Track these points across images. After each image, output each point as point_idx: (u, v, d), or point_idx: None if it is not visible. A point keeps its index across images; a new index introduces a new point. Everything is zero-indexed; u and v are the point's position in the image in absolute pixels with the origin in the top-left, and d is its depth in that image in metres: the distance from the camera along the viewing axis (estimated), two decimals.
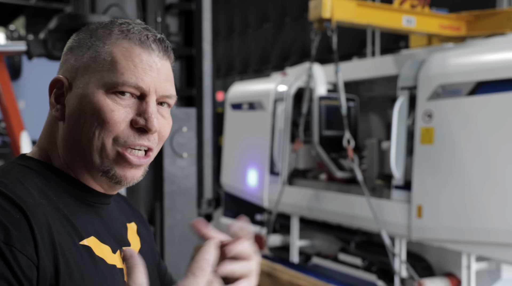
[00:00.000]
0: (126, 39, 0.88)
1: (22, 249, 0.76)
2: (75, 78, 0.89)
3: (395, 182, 3.76)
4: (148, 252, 1.06)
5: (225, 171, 5.62)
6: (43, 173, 0.89)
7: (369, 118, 5.12)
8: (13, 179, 0.83)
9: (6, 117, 3.83)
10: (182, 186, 3.17)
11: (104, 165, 0.88)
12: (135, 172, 0.90)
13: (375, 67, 4.59)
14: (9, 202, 0.79)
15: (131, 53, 0.87)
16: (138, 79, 0.87)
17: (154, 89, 0.88)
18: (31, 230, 0.78)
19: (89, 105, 0.86)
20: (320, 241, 4.79)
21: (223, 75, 11.04)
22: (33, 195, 0.82)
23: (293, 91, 4.89)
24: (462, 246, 3.39)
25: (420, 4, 4.44)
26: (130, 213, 1.08)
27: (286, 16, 9.41)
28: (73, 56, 0.90)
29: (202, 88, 3.49)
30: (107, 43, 0.88)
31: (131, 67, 0.87)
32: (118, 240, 0.96)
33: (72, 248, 0.83)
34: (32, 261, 0.76)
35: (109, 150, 0.87)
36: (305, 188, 4.61)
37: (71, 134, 0.89)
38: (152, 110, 0.87)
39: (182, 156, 3.16)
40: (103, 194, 0.94)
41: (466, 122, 3.39)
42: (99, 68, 0.87)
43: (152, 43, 0.89)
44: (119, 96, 0.86)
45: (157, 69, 0.89)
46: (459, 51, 3.70)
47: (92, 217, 0.92)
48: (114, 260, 0.92)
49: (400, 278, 3.66)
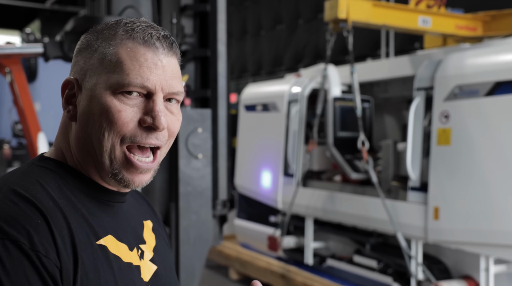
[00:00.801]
0: (130, 39, 0.89)
1: (47, 254, 0.78)
2: (84, 80, 0.91)
3: (411, 184, 3.72)
4: (165, 249, 1.07)
5: (239, 172, 5.62)
6: (61, 173, 0.91)
7: (384, 120, 5.08)
8: (33, 181, 0.85)
9: (23, 119, 3.85)
10: (197, 187, 3.17)
11: (113, 167, 0.89)
12: (143, 177, 0.91)
13: (390, 68, 4.56)
14: (31, 205, 0.80)
15: (136, 53, 0.88)
16: (144, 78, 0.87)
17: (161, 87, 0.89)
18: (52, 234, 0.80)
19: (98, 106, 0.88)
20: (335, 243, 4.76)
21: (236, 77, 11.05)
22: (53, 197, 0.84)
23: (307, 92, 4.88)
24: (480, 248, 3.35)
25: (436, 4, 4.40)
26: (147, 211, 1.10)
27: (299, 18, 9.39)
28: (82, 58, 0.92)
29: (217, 90, 3.49)
30: (112, 44, 0.90)
31: (136, 67, 0.87)
32: (135, 238, 0.98)
33: (89, 248, 0.85)
34: (56, 265, 0.79)
35: (117, 151, 0.88)
36: (319, 190, 4.58)
37: (82, 134, 0.91)
38: (159, 108, 0.88)
39: (197, 157, 3.16)
40: (117, 192, 0.95)
41: (484, 123, 3.34)
42: (106, 69, 0.88)
43: (156, 41, 0.90)
44: (126, 96, 0.88)
45: (163, 67, 0.89)
46: (476, 51, 3.66)
47: (109, 215, 0.93)
48: (130, 258, 0.93)
49: (417, 281, 3.62)
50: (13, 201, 0.80)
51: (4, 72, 3.77)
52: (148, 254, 0.99)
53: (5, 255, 0.76)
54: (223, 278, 5.65)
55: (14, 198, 0.81)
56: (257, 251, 5.36)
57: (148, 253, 0.99)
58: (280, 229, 4.80)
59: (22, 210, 0.80)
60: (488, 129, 3.32)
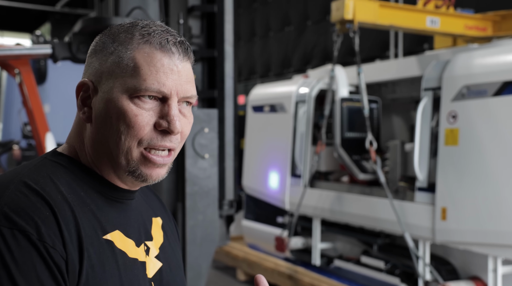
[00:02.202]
0: (147, 44, 0.91)
1: (53, 245, 0.81)
2: (100, 82, 0.93)
3: (419, 184, 3.71)
4: (173, 247, 1.09)
5: (246, 173, 5.62)
6: (72, 169, 0.94)
7: (392, 121, 5.06)
8: (44, 175, 0.88)
9: (32, 120, 3.89)
10: (203, 187, 3.18)
11: (130, 166, 0.92)
12: (160, 171, 0.94)
13: (398, 68, 4.54)
14: (40, 198, 0.84)
15: (153, 59, 0.90)
16: (160, 84, 0.90)
17: (176, 92, 0.91)
18: (59, 226, 0.83)
19: (115, 110, 0.90)
20: (342, 243, 4.75)
21: (245, 79, 11.06)
22: (62, 191, 0.87)
23: (315, 93, 4.87)
24: (488, 249, 3.32)
25: (445, 4, 4.39)
26: (158, 207, 1.12)
27: (308, 19, 9.39)
28: (97, 60, 0.94)
29: (224, 90, 3.50)
30: (129, 48, 0.91)
31: (153, 72, 0.89)
32: (142, 234, 1.00)
33: (96, 242, 0.88)
34: (62, 256, 0.82)
35: (134, 152, 0.91)
36: (327, 190, 4.58)
37: (98, 136, 0.93)
38: (174, 113, 0.91)
39: (203, 157, 3.17)
40: (127, 190, 0.98)
41: (491, 123, 3.32)
42: (122, 73, 0.90)
43: (172, 47, 0.91)
44: (142, 100, 0.90)
45: (178, 72, 0.92)
46: (484, 51, 3.64)
47: (118, 211, 0.96)
48: (136, 254, 0.95)
49: (424, 282, 3.60)
50: (23, 192, 0.83)
51: (14, 73, 3.80)
52: (154, 250, 1.01)
53: (14, 244, 0.79)
54: (230, 279, 5.65)
55: (24, 190, 0.84)
56: (265, 251, 5.36)
57: (154, 250, 1.01)
58: (287, 229, 4.80)
59: (31, 202, 0.82)
60: (496, 129, 3.30)
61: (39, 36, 6.17)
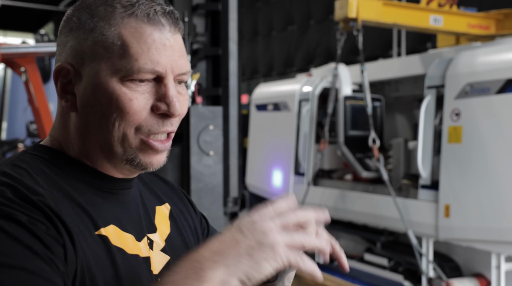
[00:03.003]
0: (133, 17, 0.80)
1: (48, 231, 0.72)
2: (82, 65, 0.81)
3: (422, 182, 3.72)
4: (184, 236, 0.98)
5: (250, 171, 5.64)
6: (55, 162, 0.84)
7: (395, 119, 5.08)
8: (21, 172, 0.79)
9: (38, 118, 3.92)
10: (208, 184, 3.21)
11: (128, 154, 0.83)
12: (160, 157, 0.85)
13: (401, 67, 4.56)
14: (18, 193, 0.74)
15: (142, 34, 0.79)
16: (154, 63, 0.80)
17: (171, 69, 0.82)
18: (46, 216, 0.74)
19: (105, 95, 0.80)
20: (346, 241, 4.77)
21: (248, 78, 11.08)
22: (43, 186, 0.78)
23: (318, 91, 4.89)
24: (491, 246, 3.34)
25: (448, 3, 4.40)
26: (165, 193, 1.01)
27: (310, 19, 9.41)
28: (75, 39, 0.82)
29: (228, 88, 3.53)
30: (112, 24, 0.80)
31: (145, 50, 0.79)
32: (144, 226, 0.90)
33: (88, 238, 0.78)
34: (58, 241, 0.73)
35: (132, 139, 0.82)
36: (330, 188, 4.59)
37: (86, 125, 0.83)
38: (172, 93, 0.81)
39: (208, 154, 3.19)
40: (122, 179, 0.88)
41: (495, 121, 3.34)
42: (109, 54, 0.79)
43: (162, 18, 0.81)
44: (135, 83, 0.80)
45: (171, 46, 0.81)
46: (487, 49, 3.65)
47: (112, 204, 0.86)
48: (136, 249, 0.85)
49: (428, 278, 3.62)
50: (1, 189, 0.74)
51: (19, 71, 3.83)
52: (159, 243, 0.91)
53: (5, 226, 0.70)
54: None
55: (1, 187, 0.74)
56: None
57: (159, 242, 0.91)
58: None
59: (9, 199, 0.73)
60: (499, 127, 3.32)
61: (44, 35, 6.20)
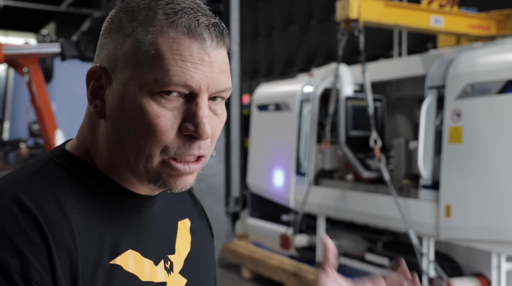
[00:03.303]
0: (173, 27, 0.73)
1: (40, 281, 0.67)
2: (115, 71, 0.76)
3: (423, 182, 3.74)
4: (202, 253, 0.94)
5: (251, 171, 5.66)
6: (82, 175, 0.78)
7: (396, 119, 5.09)
8: (44, 185, 0.74)
9: (41, 118, 3.94)
10: (210, 184, 3.23)
11: (151, 174, 0.76)
12: (187, 179, 0.77)
13: (402, 67, 4.57)
14: (31, 219, 0.69)
15: (179, 45, 0.73)
16: (187, 76, 0.72)
17: (206, 87, 0.74)
18: (50, 256, 0.68)
19: (132, 107, 0.74)
20: (347, 241, 4.78)
21: (249, 79, 11.10)
22: (63, 207, 0.73)
23: (319, 92, 4.91)
24: (492, 245, 3.35)
25: (449, 3, 4.41)
26: (187, 206, 0.97)
27: (311, 19, 9.42)
28: (112, 43, 0.76)
29: None
30: (150, 31, 0.73)
31: (179, 62, 0.72)
32: (164, 247, 0.85)
33: (99, 270, 0.74)
34: None
35: (155, 159, 0.75)
36: (331, 188, 4.61)
37: (113, 136, 0.77)
38: (203, 114, 0.74)
39: (211, 154, 3.22)
40: (146, 196, 0.83)
41: (495, 121, 3.35)
42: (141, 62, 0.73)
43: (204, 31, 0.73)
44: (164, 97, 0.73)
45: (210, 62, 0.74)
46: (488, 49, 3.67)
47: (135, 223, 0.81)
48: (152, 275, 0.81)
49: (429, 278, 3.63)
50: (11, 211, 0.69)
51: (22, 72, 3.86)
52: (177, 265, 0.86)
53: None
54: (235, 277, 5.69)
55: (14, 207, 0.69)
56: (270, 249, 5.40)
57: (177, 265, 0.86)
58: (292, 227, 4.83)
59: (19, 225, 0.68)
60: (499, 127, 3.33)
61: (46, 36, 6.23)
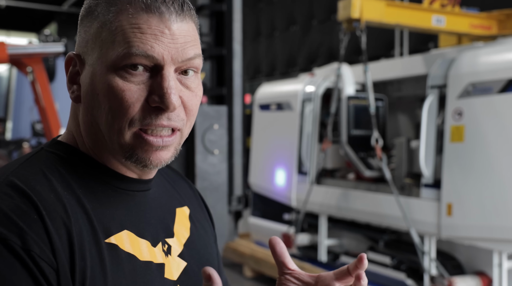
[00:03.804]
0: (132, 3, 0.75)
1: (41, 253, 0.68)
2: (86, 54, 0.78)
3: (425, 180, 3.75)
4: (202, 240, 0.95)
5: (253, 171, 5.68)
6: (72, 160, 0.80)
7: (398, 119, 5.11)
8: (36, 170, 0.76)
9: (44, 117, 3.96)
10: (213, 182, 3.25)
11: (125, 149, 0.77)
12: (162, 154, 0.78)
13: (403, 67, 4.59)
14: (27, 199, 0.71)
15: (138, 20, 0.74)
16: (147, 46, 0.73)
17: (170, 58, 0.75)
18: (48, 231, 0.70)
19: (100, 85, 0.75)
20: (348, 240, 4.80)
21: (250, 78, 11.12)
22: (55, 188, 0.74)
23: (321, 91, 4.93)
24: (493, 244, 3.37)
25: (450, 3, 4.43)
26: (186, 195, 0.98)
27: (313, 19, 9.44)
28: (83, 28, 0.79)
29: (232, 88, 3.57)
30: (112, 10, 0.75)
31: (138, 35, 0.73)
32: (161, 230, 0.86)
33: (95, 247, 0.75)
34: (51, 266, 0.69)
35: (126, 134, 0.76)
36: (333, 187, 4.63)
37: (88, 117, 0.79)
38: (168, 85, 0.74)
39: (213, 153, 3.23)
40: (138, 179, 0.83)
41: (497, 120, 3.37)
42: (105, 40, 0.75)
43: (162, 5, 0.75)
44: (129, 72, 0.74)
45: (172, 34, 0.75)
46: (489, 49, 3.69)
47: (129, 206, 0.82)
48: (151, 255, 0.81)
49: (430, 277, 3.65)
50: (7, 193, 0.71)
51: (26, 71, 3.88)
52: (176, 248, 0.87)
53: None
54: (237, 276, 5.71)
55: (9, 190, 0.71)
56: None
57: (176, 248, 0.87)
58: (294, 226, 4.85)
59: (15, 204, 0.70)
60: (501, 126, 3.35)
61: (48, 36, 6.25)
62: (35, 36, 14.38)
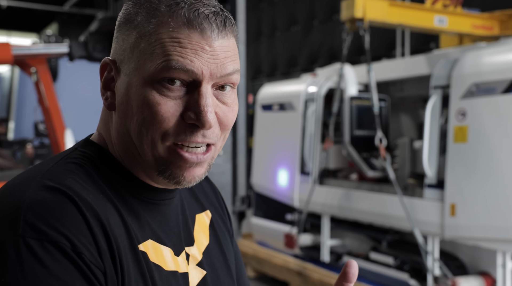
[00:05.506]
0: (173, 17, 0.73)
1: (90, 256, 0.68)
2: (122, 62, 0.77)
3: (428, 181, 3.76)
4: (221, 246, 0.93)
5: (255, 171, 5.68)
6: (102, 164, 0.79)
7: (400, 119, 5.12)
8: (70, 169, 0.75)
9: (48, 118, 3.97)
10: (218, 183, 3.25)
11: (159, 162, 0.76)
12: (196, 170, 0.77)
13: (406, 67, 4.60)
14: (68, 198, 0.70)
15: (178, 34, 0.72)
16: (187, 60, 0.72)
17: (209, 73, 0.73)
18: (92, 233, 0.69)
19: (135, 97, 0.74)
20: (351, 240, 4.81)
21: (251, 78, 11.13)
22: (90, 190, 0.74)
23: (323, 92, 4.93)
24: (496, 244, 3.38)
25: (453, 3, 4.44)
26: (208, 198, 0.97)
27: (314, 19, 9.45)
28: (121, 35, 0.78)
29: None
30: (152, 22, 0.74)
31: (178, 49, 0.72)
32: (183, 238, 0.85)
33: (130, 253, 0.74)
34: (99, 268, 0.69)
35: (159, 145, 0.75)
36: (335, 188, 4.63)
37: (122, 128, 0.78)
38: (205, 102, 0.73)
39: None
40: (164, 189, 0.82)
41: (500, 120, 3.38)
42: (143, 52, 0.73)
43: (204, 21, 0.73)
44: (167, 86, 0.73)
45: (212, 51, 0.73)
46: (493, 49, 3.69)
47: (153, 215, 0.81)
48: (175, 265, 0.81)
49: (434, 277, 3.66)
50: (45, 195, 0.69)
51: (30, 72, 3.89)
52: (196, 257, 0.86)
53: (47, 258, 0.65)
54: None
55: (46, 192, 0.69)
56: (274, 248, 5.42)
57: (196, 256, 0.86)
58: (296, 226, 4.86)
59: (59, 205, 0.69)
60: (504, 126, 3.36)
61: (50, 36, 6.26)
62: (36, 36, 14.38)
